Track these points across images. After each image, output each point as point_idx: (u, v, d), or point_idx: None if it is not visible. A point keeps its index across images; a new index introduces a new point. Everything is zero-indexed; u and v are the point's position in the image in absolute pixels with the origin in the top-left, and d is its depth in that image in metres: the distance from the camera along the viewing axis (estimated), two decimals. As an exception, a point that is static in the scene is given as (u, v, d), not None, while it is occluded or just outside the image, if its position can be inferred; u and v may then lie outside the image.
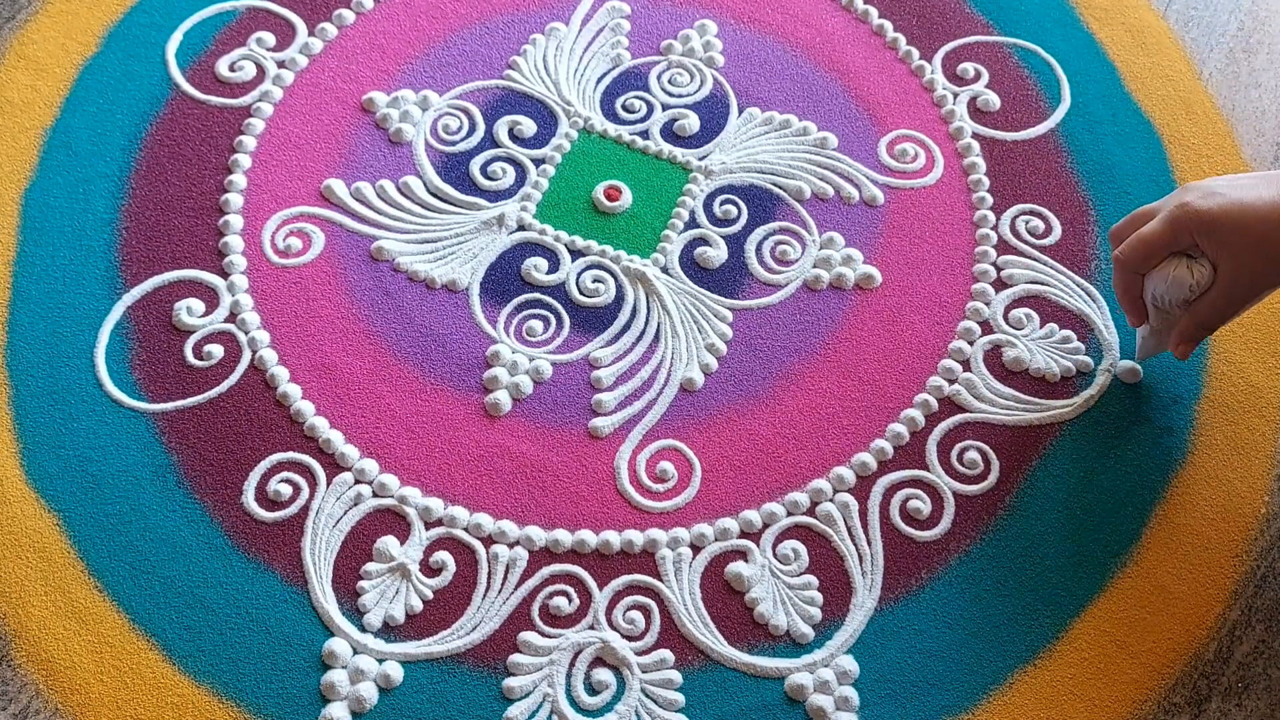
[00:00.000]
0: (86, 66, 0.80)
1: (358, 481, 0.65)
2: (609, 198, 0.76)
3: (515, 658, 0.60)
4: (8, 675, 0.59)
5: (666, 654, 0.61)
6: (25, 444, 0.66)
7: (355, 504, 0.65)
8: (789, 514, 0.65)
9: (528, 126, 0.79)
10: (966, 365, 0.71)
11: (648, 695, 0.60)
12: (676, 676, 0.60)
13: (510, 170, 0.77)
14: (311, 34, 0.83)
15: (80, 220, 0.74)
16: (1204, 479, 0.67)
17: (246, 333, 0.70)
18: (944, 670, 0.61)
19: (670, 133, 0.80)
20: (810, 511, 0.66)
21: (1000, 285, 0.74)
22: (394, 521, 0.64)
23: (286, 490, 0.65)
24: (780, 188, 0.77)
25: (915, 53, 0.84)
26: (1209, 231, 0.59)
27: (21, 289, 0.71)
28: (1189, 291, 0.61)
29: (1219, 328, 0.63)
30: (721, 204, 0.77)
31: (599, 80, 0.82)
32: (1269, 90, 0.83)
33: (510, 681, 0.60)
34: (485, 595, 0.62)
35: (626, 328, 0.72)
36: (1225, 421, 0.69)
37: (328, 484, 0.65)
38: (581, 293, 0.73)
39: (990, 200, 0.77)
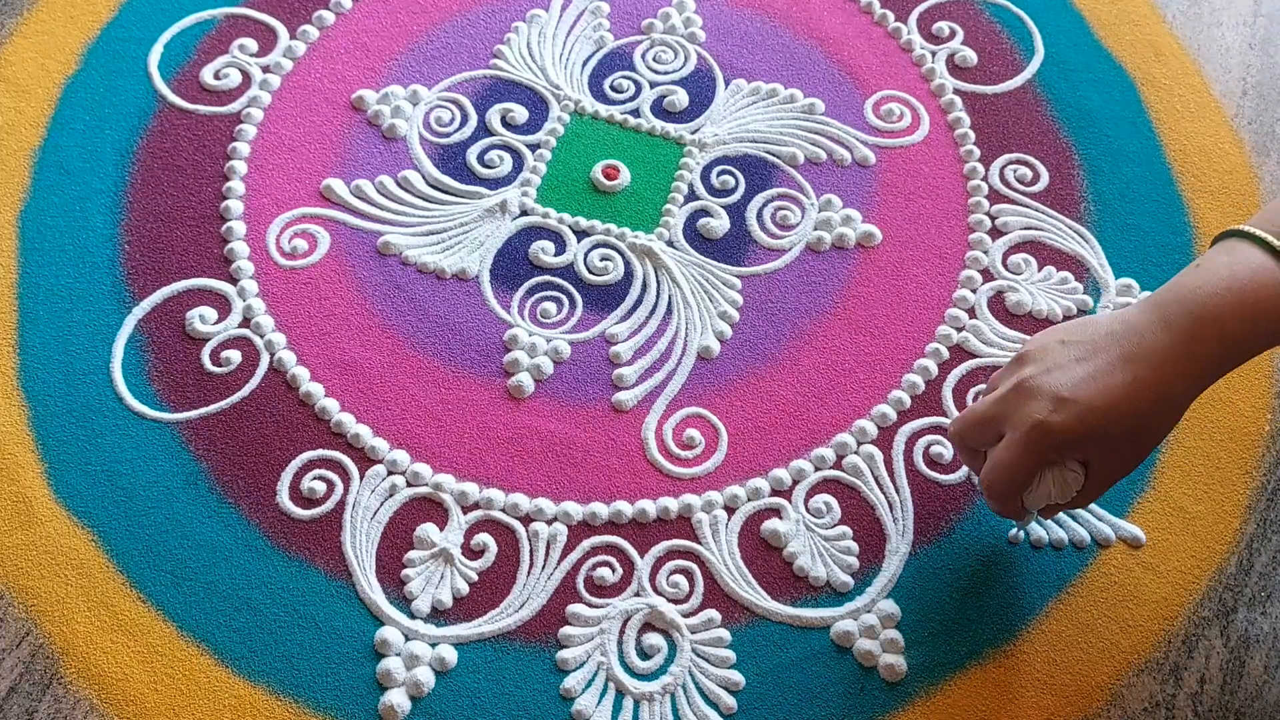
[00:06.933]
0: (69, 84, 0.79)
1: (390, 473, 0.66)
2: (607, 177, 0.77)
3: (566, 630, 0.61)
4: (60, 694, 0.59)
5: (714, 614, 0.62)
6: (50, 463, 0.65)
7: (390, 495, 0.65)
8: (817, 469, 0.67)
9: (520, 113, 0.80)
10: (972, 312, 0.73)
11: (699, 655, 0.61)
12: (725, 634, 0.61)
13: (507, 158, 0.78)
14: (293, 37, 0.83)
15: (80, 238, 0.73)
16: (1209, 402, 0.69)
17: (262, 336, 0.70)
18: (983, 605, 0.63)
19: (661, 109, 0.81)
20: (837, 465, 0.67)
21: (996, 233, 0.76)
22: (431, 509, 0.65)
23: (320, 487, 0.65)
24: (774, 155, 0.79)
25: (890, 15, 0.86)
26: (1076, 446, 0.55)
27: (29, 310, 0.70)
28: (1073, 494, 0.58)
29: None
30: (719, 175, 0.78)
31: (584, 63, 0.83)
32: (1230, 28, 0.86)
33: (564, 654, 0.61)
34: (530, 572, 0.63)
35: (639, 302, 0.73)
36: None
37: (361, 478, 0.66)
38: (591, 271, 0.74)
39: (978, 153, 0.79)
